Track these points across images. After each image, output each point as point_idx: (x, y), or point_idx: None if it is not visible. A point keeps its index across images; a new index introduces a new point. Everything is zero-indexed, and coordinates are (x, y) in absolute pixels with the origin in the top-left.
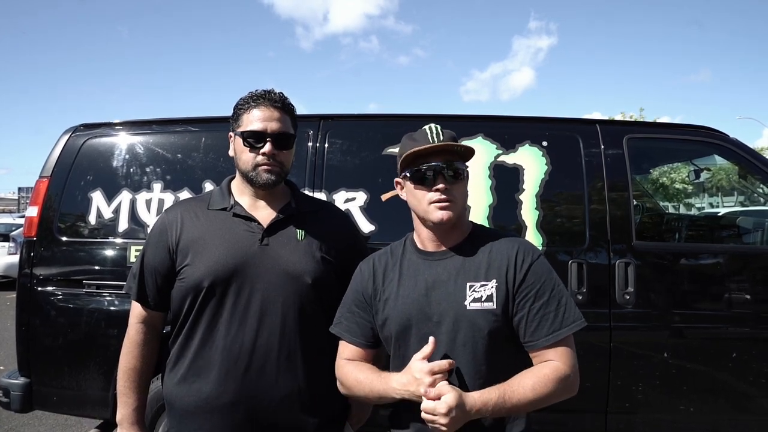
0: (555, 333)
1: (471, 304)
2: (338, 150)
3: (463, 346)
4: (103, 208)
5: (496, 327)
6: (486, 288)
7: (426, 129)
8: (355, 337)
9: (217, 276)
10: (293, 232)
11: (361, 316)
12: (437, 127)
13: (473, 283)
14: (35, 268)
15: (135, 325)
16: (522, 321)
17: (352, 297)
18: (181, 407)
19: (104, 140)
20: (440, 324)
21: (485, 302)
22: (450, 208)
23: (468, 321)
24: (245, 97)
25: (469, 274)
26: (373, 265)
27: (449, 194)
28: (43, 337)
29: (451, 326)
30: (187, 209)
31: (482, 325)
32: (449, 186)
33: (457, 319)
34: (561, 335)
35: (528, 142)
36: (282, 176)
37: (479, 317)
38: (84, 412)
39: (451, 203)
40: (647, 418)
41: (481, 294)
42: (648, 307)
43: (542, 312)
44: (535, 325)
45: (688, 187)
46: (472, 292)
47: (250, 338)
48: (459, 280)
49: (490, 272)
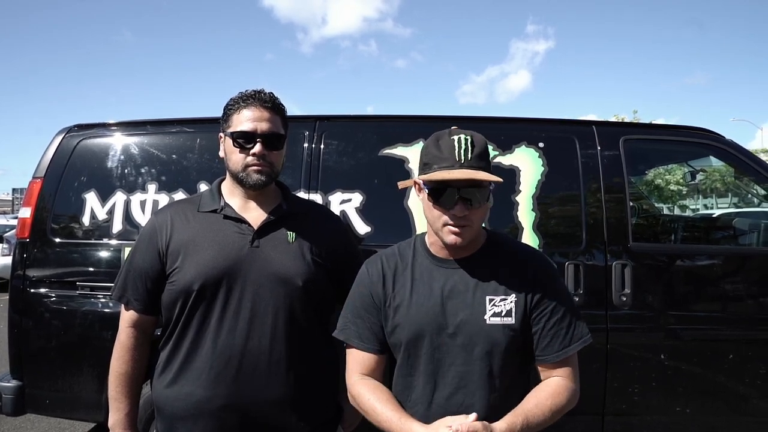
0: (565, 349)
1: (491, 319)
2: (334, 151)
3: (480, 360)
4: (97, 209)
5: (514, 342)
6: (506, 303)
7: (455, 141)
8: (367, 343)
9: (207, 279)
10: (284, 234)
11: (371, 321)
12: (468, 141)
13: (493, 297)
14: (28, 269)
15: (125, 330)
16: (536, 336)
17: (360, 300)
18: (170, 412)
19: (98, 141)
20: (455, 336)
21: (505, 317)
22: (464, 233)
23: (486, 335)
24: (235, 97)
25: (489, 287)
26: (381, 268)
27: (466, 220)
28: (36, 340)
29: (468, 339)
30: (177, 211)
31: (500, 339)
32: (468, 212)
33: (476, 333)
34: (570, 351)
35: (524, 143)
36: (272, 177)
37: (498, 332)
38: (77, 416)
39: (467, 227)
40: (644, 420)
41: (501, 308)
42: (645, 309)
43: (556, 328)
44: (548, 341)
45: (683, 189)
46: (492, 306)
47: (241, 342)
48: (478, 293)
49: (510, 286)
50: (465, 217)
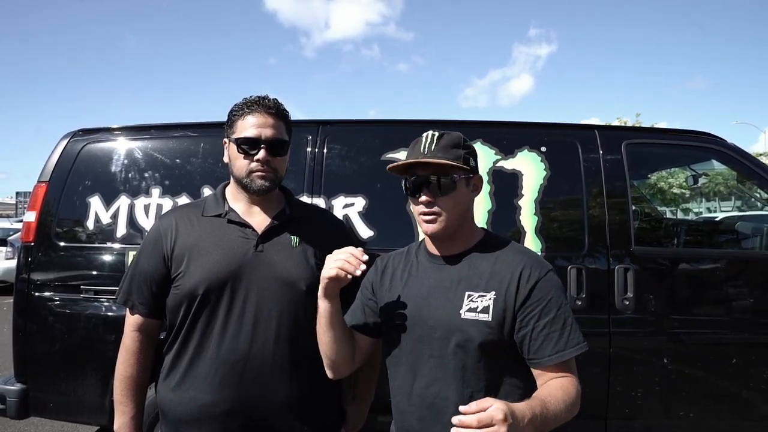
0: (560, 353)
1: (466, 314)
2: (337, 155)
3: (453, 354)
4: (102, 213)
5: (489, 339)
6: (484, 299)
7: (422, 137)
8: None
9: (211, 283)
10: (288, 238)
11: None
12: (434, 135)
13: (471, 293)
14: (33, 273)
15: (130, 333)
16: (526, 338)
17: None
18: (175, 415)
19: (102, 145)
20: (435, 329)
21: (480, 313)
22: (436, 221)
23: (460, 329)
24: (239, 103)
25: (470, 283)
26: (386, 263)
27: (434, 207)
28: (40, 343)
29: (444, 333)
30: (181, 216)
31: (474, 335)
32: (434, 199)
33: (451, 327)
34: (565, 356)
35: (527, 147)
36: (276, 182)
37: (471, 327)
38: (81, 419)
39: (437, 217)
40: (647, 424)
41: (477, 304)
42: (647, 313)
43: (547, 330)
44: (539, 343)
45: (686, 192)
46: (469, 302)
47: (245, 346)
48: (459, 288)
49: (491, 284)
50: (432, 205)
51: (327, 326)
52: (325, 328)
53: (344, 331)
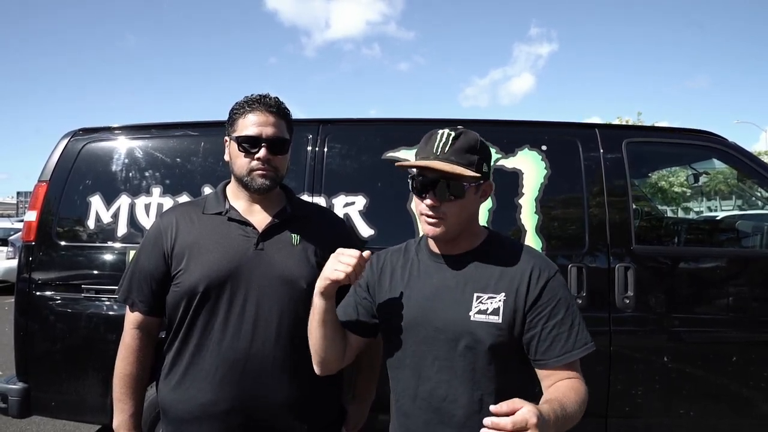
0: (567, 354)
1: (475, 316)
2: (337, 154)
3: (462, 357)
4: (102, 212)
5: (499, 341)
6: (494, 301)
7: (437, 135)
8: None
9: (211, 281)
10: (288, 236)
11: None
12: (450, 135)
13: (481, 294)
14: (34, 272)
15: (130, 331)
16: (534, 339)
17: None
18: (175, 414)
19: (103, 144)
20: (442, 331)
21: (490, 315)
22: (438, 225)
23: (470, 332)
24: (240, 101)
25: (479, 284)
26: (383, 261)
27: (438, 212)
28: (42, 342)
29: (453, 334)
30: (182, 214)
31: (484, 337)
32: (439, 203)
33: (460, 329)
34: (573, 357)
35: (527, 146)
36: (277, 181)
37: (481, 329)
38: (82, 418)
39: (440, 221)
40: (647, 423)
41: (487, 306)
42: (648, 311)
43: (556, 331)
44: (548, 344)
45: (686, 191)
46: (479, 303)
47: (245, 344)
48: (467, 289)
49: (500, 285)
50: (436, 209)
51: (320, 323)
52: (318, 324)
53: (337, 329)
